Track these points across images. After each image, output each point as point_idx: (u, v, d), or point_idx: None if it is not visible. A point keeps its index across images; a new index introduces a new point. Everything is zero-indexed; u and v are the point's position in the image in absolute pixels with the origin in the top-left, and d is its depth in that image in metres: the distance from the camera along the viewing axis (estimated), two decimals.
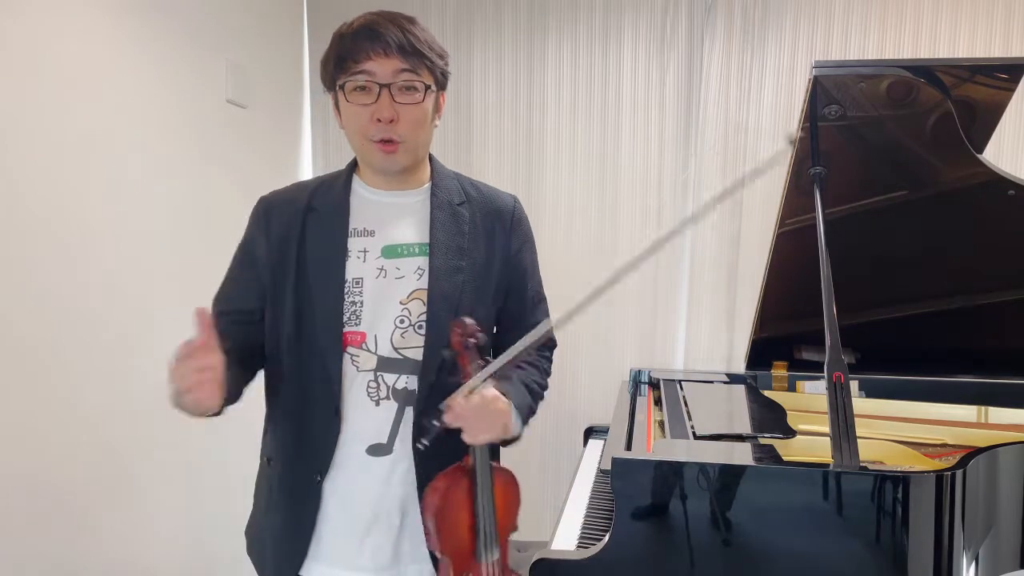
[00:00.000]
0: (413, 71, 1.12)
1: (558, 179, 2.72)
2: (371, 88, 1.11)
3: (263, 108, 2.45)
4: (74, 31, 1.69)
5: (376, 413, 1.17)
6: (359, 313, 1.16)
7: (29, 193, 1.57)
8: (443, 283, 1.18)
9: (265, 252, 1.20)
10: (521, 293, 1.29)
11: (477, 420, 1.07)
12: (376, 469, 1.17)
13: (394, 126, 1.13)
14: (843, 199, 1.69)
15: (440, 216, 1.21)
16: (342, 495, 1.18)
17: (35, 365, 1.60)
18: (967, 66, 1.46)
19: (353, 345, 1.17)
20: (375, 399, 1.17)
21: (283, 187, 1.28)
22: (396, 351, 1.17)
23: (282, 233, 1.20)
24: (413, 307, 1.18)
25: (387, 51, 1.10)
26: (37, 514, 1.60)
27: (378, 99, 1.11)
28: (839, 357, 1.20)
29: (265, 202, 1.25)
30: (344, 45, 1.12)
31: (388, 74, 1.11)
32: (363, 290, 1.17)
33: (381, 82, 1.11)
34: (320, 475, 1.16)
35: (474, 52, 2.71)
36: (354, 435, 1.17)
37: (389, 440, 1.18)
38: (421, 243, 1.20)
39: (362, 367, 1.17)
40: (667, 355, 2.71)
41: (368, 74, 1.11)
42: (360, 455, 1.17)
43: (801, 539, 1.14)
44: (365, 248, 1.19)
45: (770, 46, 2.56)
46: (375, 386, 1.17)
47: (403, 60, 1.11)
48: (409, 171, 1.22)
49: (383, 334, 1.17)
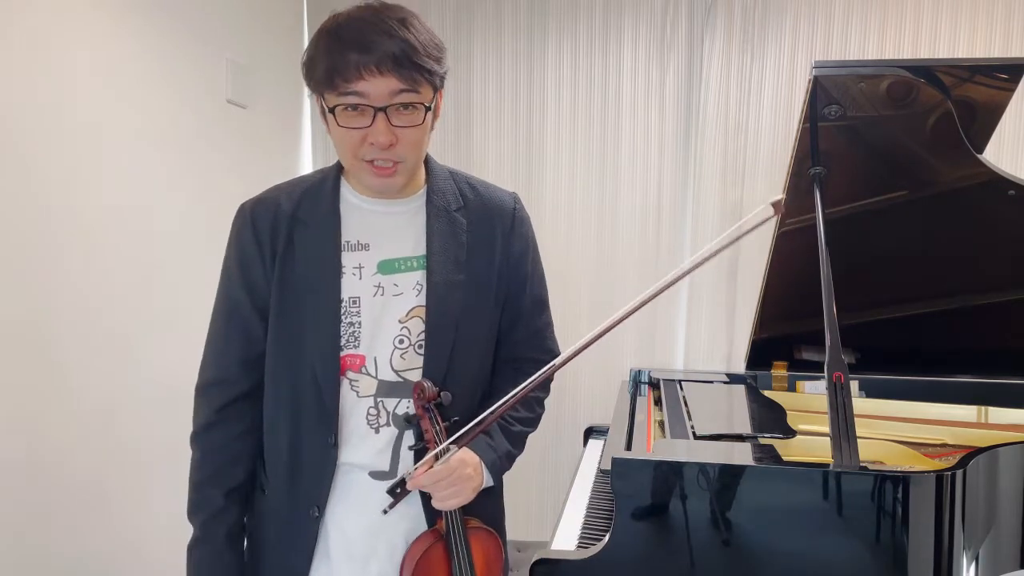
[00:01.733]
0: (411, 89, 0.99)
1: (558, 179, 2.72)
2: (365, 111, 0.99)
3: (263, 108, 2.45)
4: (75, 31, 1.69)
5: (375, 441, 1.09)
6: (357, 335, 1.08)
7: (29, 192, 1.57)
8: (442, 299, 1.09)
9: (261, 266, 1.09)
10: (519, 300, 1.19)
11: (444, 488, 1.04)
12: (376, 499, 1.08)
13: (392, 149, 1.01)
14: (843, 199, 1.69)
15: (437, 226, 1.11)
16: (341, 528, 1.11)
17: (36, 364, 1.60)
18: (967, 66, 1.46)
19: (352, 369, 1.08)
20: (375, 427, 1.09)
21: (264, 191, 1.15)
22: (397, 374, 1.09)
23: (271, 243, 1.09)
24: (412, 326, 1.09)
25: (381, 68, 0.96)
26: (38, 512, 1.60)
27: (373, 122, 0.99)
28: (839, 357, 1.20)
29: (248, 210, 1.12)
30: (332, 57, 0.97)
31: (384, 96, 0.98)
32: (360, 310, 1.08)
33: (376, 105, 0.98)
34: (318, 509, 1.09)
35: (474, 52, 2.71)
36: (352, 465, 1.10)
37: (391, 467, 1.10)
38: (418, 256, 1.11)
39: (362, 393, 1.09)
40: (667, 355, 2.70)
41: (360, 95, 0.97)
42: (359, 485, 1.10)
43: (801, 539, 1.14)
44: (360, 264, 1.09)
45: (770, 46, 2.56)
46: (375, 413, 1.09)
47: (400, 78, 0.97)
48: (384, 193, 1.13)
49: (383, 356, 1.09)
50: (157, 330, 1.95)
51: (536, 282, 1.23)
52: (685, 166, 2.66)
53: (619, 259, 2.70)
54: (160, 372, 1.94)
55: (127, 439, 1.86)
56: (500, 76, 2.71)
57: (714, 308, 2.64)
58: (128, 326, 1.86)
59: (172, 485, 2.05)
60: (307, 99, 2.78)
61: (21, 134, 1.55)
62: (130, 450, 1.87)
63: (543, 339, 1.24)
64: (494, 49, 2.71)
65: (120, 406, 1.83)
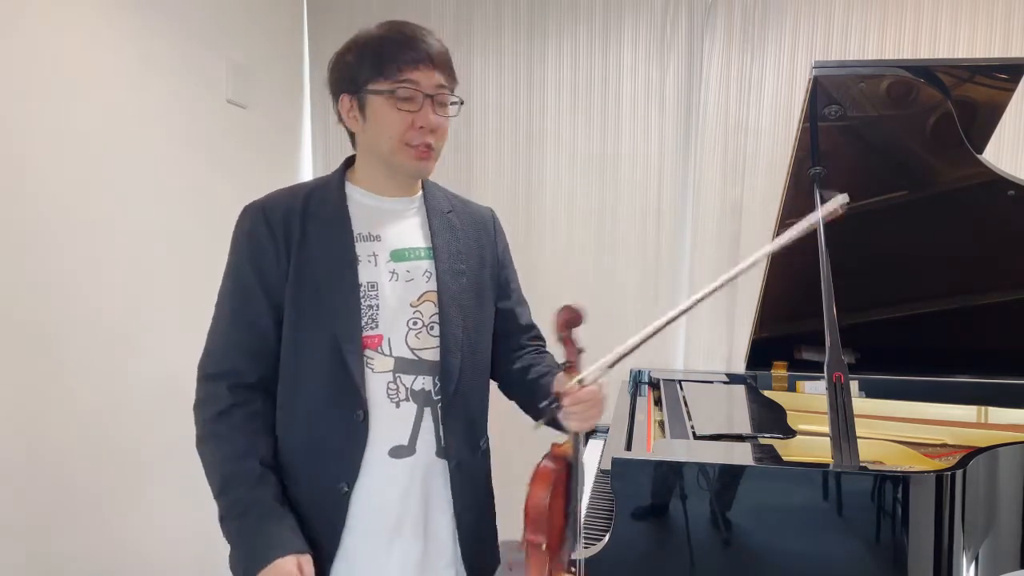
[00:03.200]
0: (448, 87, 1.16)
1: (558, 179, 2.72)
2: (415, 97, 1.13)
3: (263, 108, 2.45)
4: (75, 30, 1.69)
5: (397, 414, 1.17)
6: (376, 316, 1.17)
7: (29, 192, 1.58)
8: (451, 285, 1.21)
9: (275, 257, 1.15)
10: (509, 294, 1.35)
11: (588, 408, 1.09)
12: (398, 473, 1.16)
13: (433, 135, 1.15)
14: None
15: (437, 223, 1.24)
16: (367, 502, 1.16)
17: (35, 364, 1.60)
18: (967, 66, 1.47)
19: (370, 348, 1.16)
20: (395, 401, 1.17)
21: (266, 195, 1.21)
22: (412, 352, 1.19)
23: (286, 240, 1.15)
24: (424, 309, 1.20)
25: (431, 63, 1.13)
26: (38, 512, 1.60)
27: (421, 108, 1.13)
28: (839, 357, 1.20)
29: (258, 209, 1.18)
30: (385, 49, 1.12)
31: (432, 86, 1.13)
32: (379, 293, 1.17)
33: (426, 92, 1.13)
34: (347, 484, 1.14)
35: (474, 52, 2.71)
36: (377, 438, 1.16)
37: (410, 442, 1.17)
38: (426, 247, 1.22)
39: (377, 369, 1.16)
40: (667, 355, 2.71)
41: (414, 84, 1.12)
42: (382, 459, 1.16)
43: (801, 539, 1.14)
44: (374, 252, 1.18)
45: (770, 46, 2.57)
46: (395, 388, 1.17)
47: (442, 75, 1.15)
48: (410, 180, 1.24)
49: (397, 336, 1.18)
50: (157, 330, 1.95)
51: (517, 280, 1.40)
52: (685, 166, 2.67)
53: (619, 257, 2.70)
54: (160, 372, 1.94)
55: (127, 439, 1.86)
56: (500, 76, 2.72)
57: (714, 308, 2.64)
58: (128, 326, 1.86)
59: (172, 485, 2.05)
60: (307, 99, 2.78)
61: (21, 134, 1.55)
62: (130, 450, 1.87)
63: (531, 325, 1.42)
64: (494, 49, 2.71)
65: (120, 406, 1.83)
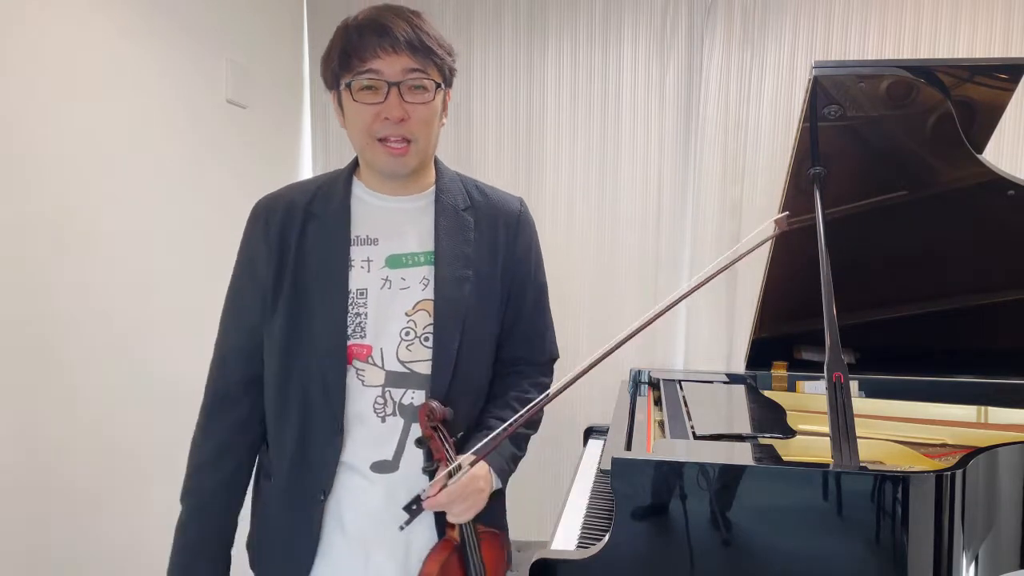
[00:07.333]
0: (422, 70, 1.07)
1: (558, 179, 2.72)
2: (379, 87, 1.06)
3: (263, 108, 2.45)
4: (74, 30, 1.69)
5: (382, 430, 1.12)
6: (364, 325, 1.11)
7: (29, 192, 1.57)
8: (449, 294, 1.13)
9: (266, 260, 1.13)
10: (522, 299, 1.23)
11: (458, 503, 1.07)
12: (381, 487, 1.12)
13: (404, 125, 1.07)
14: (843, 199, 1.69)
15: (445, 223, 1.16)
16: (344, 514, 1.13)
17: (36, 364, 1.60)
18: (967, 66, 1.46)
19: (359, 359, 1.12)
20: (381, 415, 1.12)
21: (279, 189, 1.20)
22: (403, 365, 1.13)
23: (281, 238, 1.13)
24: (419, 319, 1.13)
25: (396, 48, 1.04)
26: (37, 512, 1.60)
27: (386, 98, 1.06)
28: (839, 357, 1.20)
29: (262, 207, 1.17)
30: (349, 41, 1.06)
31: (397, 72, 1.05)
32: (367, 301, 1.12)
33: (390, 80, 1.05)
34: (324, 494, 1.12)
35: (474, 52, 2.71)
36: (357, 453, 1.12)
37: (395, 457, 1.13)
38: (426, 252, 1.15)
39: (368, 382, 1.12)
40: (667, 355, 2.71)
41: (375, 72, 1.05)
42: (364, 473, 1.12)
43: (801, 539, 1.14)
44: (368, 257, 1.13)
45: (770, 46, 2.57)
46: (382, 402, 1.12)
47: (412, 58, 1.05)
48: (415, 174, 1.16)
49: (389, 347, 1.12)
50: (157, 330, 1.95)
51: (538, 286, 1.26)
52: (685, 165, 2.66)
53: (619, 257, 2.70)
54: (160, 372, 1.94)
55: (127, 439, 1.86)
56: (500, 76, 2.71)
57: (714, 308, 2.64)
58: (128, 326, 1.86)
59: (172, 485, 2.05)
60: (307, 99, 2.78)
61: (21, 134, 1.55)
62: (130, 451, 1.87)
63: (543, 341, 1.28)
64: (494, 49, 2.71)
65: (120, 406, 1.83)
